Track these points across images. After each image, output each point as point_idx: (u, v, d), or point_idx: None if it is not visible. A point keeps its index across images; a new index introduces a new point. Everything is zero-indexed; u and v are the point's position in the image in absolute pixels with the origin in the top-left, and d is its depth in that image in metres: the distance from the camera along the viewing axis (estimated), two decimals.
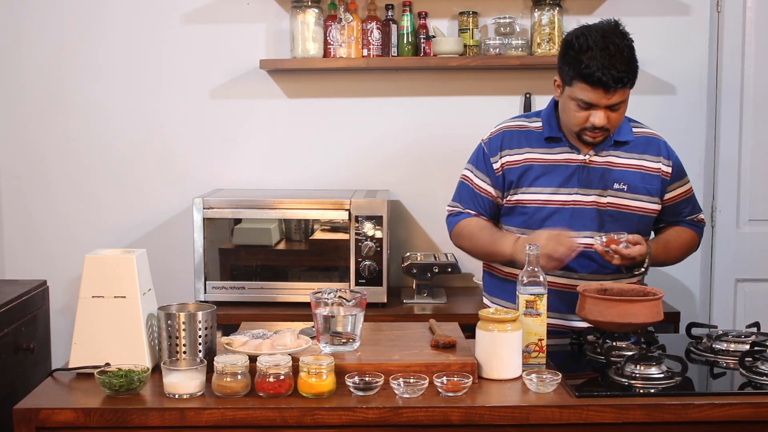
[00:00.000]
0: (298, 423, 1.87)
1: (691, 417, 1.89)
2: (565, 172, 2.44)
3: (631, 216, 2.46)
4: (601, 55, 2.27)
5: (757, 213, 3.57)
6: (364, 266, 3.20)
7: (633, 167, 2.47)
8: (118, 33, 3.59)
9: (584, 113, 2.35)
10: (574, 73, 2.32)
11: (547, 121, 2.49)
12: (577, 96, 2.33)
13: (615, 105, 2.34)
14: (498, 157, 2.50)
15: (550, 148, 2.46)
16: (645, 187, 2.47)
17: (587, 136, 2.39)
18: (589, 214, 2.43)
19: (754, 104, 3.52)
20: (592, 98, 2.31)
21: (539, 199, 2.44)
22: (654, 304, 2.20)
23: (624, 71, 2.29)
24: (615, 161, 2.46)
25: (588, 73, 2.28)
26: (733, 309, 3.59)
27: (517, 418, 1.88)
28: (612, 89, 2.29)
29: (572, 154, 2.45)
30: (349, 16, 3.46)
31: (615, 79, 2.28)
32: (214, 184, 3.62)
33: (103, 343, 2.04)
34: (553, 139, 2.46)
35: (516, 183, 2.47)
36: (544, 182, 2.44)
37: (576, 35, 2.35)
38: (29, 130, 3.63)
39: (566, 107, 2.39)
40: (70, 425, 1.87)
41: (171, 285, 3.45)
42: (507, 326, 2.02)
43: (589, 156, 2.45)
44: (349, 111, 3.62)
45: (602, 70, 2.26)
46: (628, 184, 2.45)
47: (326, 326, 2.11)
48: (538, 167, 2.45)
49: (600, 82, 2.28)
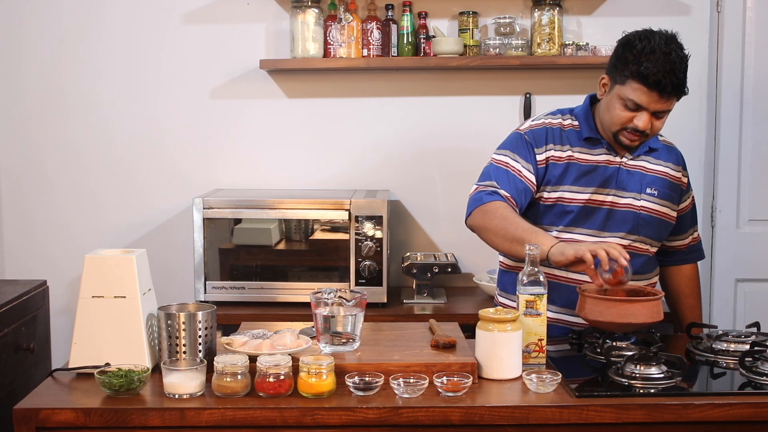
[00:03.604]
0: (298, 423, 1.87)
1: (691, 417, 1.89)
2: (605, 173, 2.44)
3: (659, 221, 2.49)
4: (665, 59, 2.27)
5: (757, 213, 3.57)
6: (364, 266, 3.20)
7: (662, 174, 2.50)
8: (117, 33, 3.59)
9: (629, 114, 2.34)
10: (630, 72, 2.31)
11: (585, 121, 2.48)
12: (628, 96, 2.32)
13: (661, 112, 2.35)
14: (543, 150, 2.45)
15: (590, 149, 2.46)
16: (670, 195, 2.51)
17: (625, 137, 2.38)
18: (624, 216, 2.45)
19: (754, 104, 3.53)
20: (644, 100, 2.31)
21: (581, 198, 2.43)
22: (654, 304, 2.20)
23: (682, 80, 2.30)
24: (648, 166, 2.49)
25: (647, 74, 2.27)
26: (733, 309, 3.59)
27: (517, 418, 1.88)
28: (667, 95, 2.30)
29: (610, 155, 2.46)
30: (349, 16, 3.46)
31: (674, 86, 2.28)
32: (214, 184, 3.62)
33: (103, 343, 2.04)
34: (592, 139, 2.46)
35: (558, 179, 2.45)
36: (586, 182, 2.44)
37: (639, 37, 2.34)
38: (29, 130, 3.63)
39: (611, 106, 2.38)
40: (70, 425, 1.87)
41: (171, 285, 3.45)
42: (507, 326, 2.02)
43: (626, 159, 2.46)
44: (349, 111, 3.62)
45: (663, 74, 2.27)
46: (659, 189, 2.48)
47: (326, 326, 2.11)
48: (580, 166, 2.44)
49: (658, 86, 2.28)
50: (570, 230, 2.44)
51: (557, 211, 2.45)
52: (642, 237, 2.46)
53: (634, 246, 2.45)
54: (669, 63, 2.27)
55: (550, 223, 2.46)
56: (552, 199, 2.45)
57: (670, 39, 2.33)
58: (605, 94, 2.42)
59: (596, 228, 2.43)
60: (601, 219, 2.44)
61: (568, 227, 2.44)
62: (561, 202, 2.45)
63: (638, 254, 2.45)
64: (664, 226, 2.51)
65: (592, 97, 2.53)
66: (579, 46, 3.44)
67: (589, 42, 3.49)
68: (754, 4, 3.50)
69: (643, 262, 2.48)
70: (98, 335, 2.05)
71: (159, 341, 2.05)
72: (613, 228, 2.44)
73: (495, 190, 2.40)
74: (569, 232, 2.43)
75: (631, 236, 2.45)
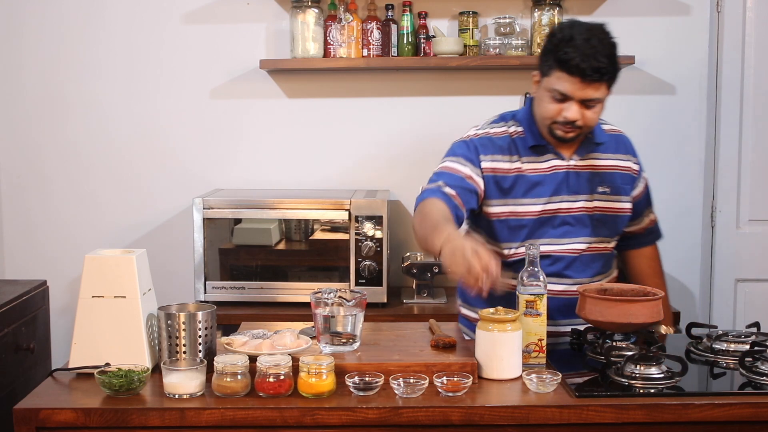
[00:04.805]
0: (298, 423, 1.87)
1: (691, 417, 1.89)
2: (555, 180, 2.39)
3: (615, 218, 2.45)
4: (584, 45, 2.23)
5: (757, 213, 3.57)
6: (364, 266, 3.20)
7: (611, 168, 2.45)
8: (118, 33, 3.59)
9: (558, 105, 2.29)
10: (552, 62, 2.27)
11: (528, 128, 2.41)
12: (553, 86, 2.28)
13: (590, 101, 2.28)
14: (489, 159, 2.39)
15: (537, 156, 2.40)
16: (623, 188, 2.46)
17: (559, 130, 2.33)
18: (580, 221, 2.41)
19: (754, 104, 3.52)
20: (568, 88, 2.26)
21: (534, 210, 2.38)
22: (654, 304, 2.20)
23: (604, 63, 2.24)
24: (597, 163, 2.44)
25: (566, 60, 2.23)
26: (733, 309, 3.59)
27: (517, 418, 1.88)
28: (589, 79, 2.23)
29: (558, 160, 2.40)
30: (349, 16, 3.46)
31: (593, 69, 2.22)
32: (214, 184, 3.62)
33: (103, 343, 2.04)
34: (538, 147, 2.40)
35: (507, 192, 2.39)
36: (537, 193, 2.38)
37: (560, 27, 2.32)
38: (29, 130, 3.63)
39: (541, 99, 2.34)
40: (70, 425, 1.87)
41: (171, 285, 3.45)
42: (507, 326, 2.02)
43: (574, 160, 2.41)
44: (349, 111, 3.62)
45: (581, 57, 2.22)
46: (611, 186, 2.43)
47: (326, 326, 2.11)
48: (530, 177, 2.39)
49: (579, 70, 2.22)
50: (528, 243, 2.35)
51: (511, 226, 2.39)
52: (600, 237, 2.43)
53: (594, 247, 2.42)
54: (589, 47, 2.22)
55: (506, 239, 2.40)
56: (504, 213, 2.39)
57: (593, 27, 2.29)
58: (537, 90, 2.37)
59: (555, 237, 2.38)
60: (558, 228, 2.39)
61: (526, 242, 2.37)
62: (514, 217, 2.38)
63: (599, 254, 2.44)
64: (621, 220, 2.47)
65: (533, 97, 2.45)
66: None
67: None
68: (754, 4, 3.50)
69: (604, 262, 2.47)
70: (98, 335, 2.05)
71: (159, 341, 2.05)
72: (571, 235, 2.39)
73: (439, 187, 2.33)
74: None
75: (589, 239, 2.41)
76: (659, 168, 3.58)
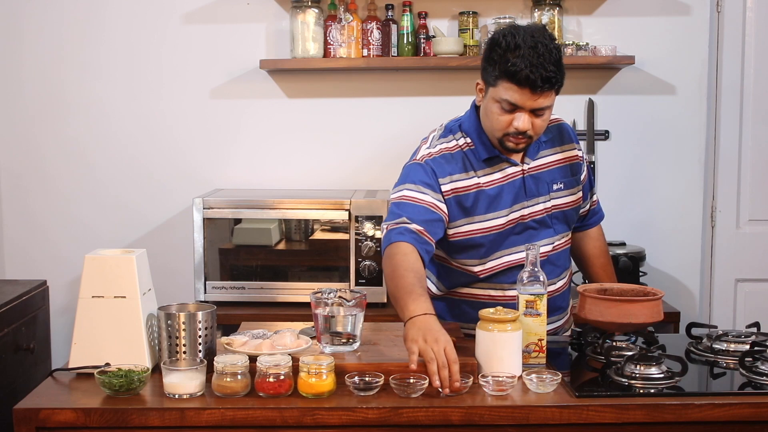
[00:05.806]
0: (298, 423, 1.87)
1: (691, 417, 1.89)
2: (513, 189, 2.34)
3: (571, 211, 2.44)
4: (530, 53, 2.17)
5: (757, 213, 3.57)
6: (364, 266, 3.20)
7: (560, 162, 2.42)
8: (118, 33, 3.59)
9: (508, 117, 2.23)
10: (499, 72, 2.20)
11: (478, 138, 2.33)
12: (501, 97, 2.22)
13: (540, 109, 2.23)
14: (448, 180, 2.30)
15: (492, 167, 2.34)
16: (574, 179, 2.43)
17: (510, 142, 2.27)
18: (543, 222, 2.37)
19: (754, 104, 3.53)
20: (517, 99, 2.20)
21: (499, 224, 2.33)
22: (654, 304, 2.20)
23: (553, 72, 2.18)
24: (547, 161, 2.40)
25: (514, 71, 2.17)
26: (733, 309, 3.59)
27: (517, 418, 1.88)
28: (539, 89, 2.18)
29: (512, 167, 2.35)
30: (349, 16, 3.46)
31: (543, 79, 2.17)
32: (214, 184, 3.62)
33: (103, 343, 2.04)
34: (490, 159, 2.34)
35: (470, 211, 2.31)
36: (499, 206, 2.33)
37: (503, 34, 2.23)
38: (29, 129, 3.63)
39: (489, 110, 2.27)
40: (70, 425, 1.87)
41: (171, 285, 3.45)
42: (507, 326, 2.02)
43: (527, 164, 2.36)
44: (349, 111, 3.62)
45: (531, 68, 2.16)
46: (563, 181, 2.40)
47: (326, 326, 2.11)
48: (488, 192, 2.33)
49: (528, 81, 2.17)
50: (497, 257, 2.35)
51: (475, 243, 2.33)
52: (561, 234, 2.41)
53: (558, 245, 2.40)
54: (536, 56, 2.16)
55: (470, 256, 2.35)
56: (463, 233, 2.32)
57: (536, 32, 2.22)
58: (483, 99, 2.31)
59: (520, 244, 2.34)
60: (521, 235, 2.35)
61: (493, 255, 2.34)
62: (479, 235, 2.32)
63: (563, 250, 2.44)
64: (576, 211, 2.46)
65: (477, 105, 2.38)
66: (579, 46, 3.44)
67: (589, 42, 3.49)
68: (754, 4, 3.50)
69: (567, 256, 2.47)
70: (98, 335, 2.05)
71: (159, 341, 2.06)
72: (535, 239, 2.35)
73: (405, 226, 2.22)
74: (499, 258, 2.35)
75: (553, 238, 2.39)
76: (659, 168, 3.58)
